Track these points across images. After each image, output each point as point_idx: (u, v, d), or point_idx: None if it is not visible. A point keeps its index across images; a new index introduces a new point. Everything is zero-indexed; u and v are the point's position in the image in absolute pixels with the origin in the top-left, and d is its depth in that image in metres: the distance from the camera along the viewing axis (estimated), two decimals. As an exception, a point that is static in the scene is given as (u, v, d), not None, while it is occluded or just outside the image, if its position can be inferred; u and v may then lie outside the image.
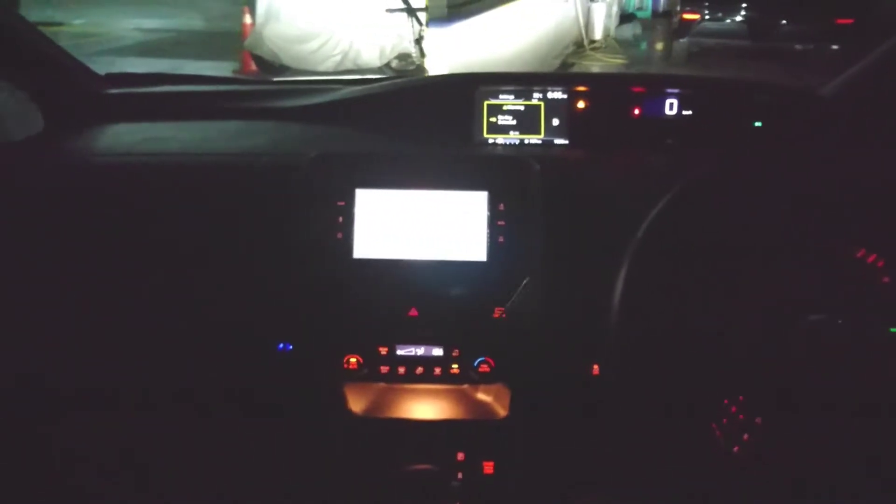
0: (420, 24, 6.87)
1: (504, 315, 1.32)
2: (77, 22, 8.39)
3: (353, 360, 1.32)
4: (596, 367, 1.20)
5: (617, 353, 1.09)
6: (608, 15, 9.62)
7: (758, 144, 1.24)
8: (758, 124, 1.26)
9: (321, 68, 7.39)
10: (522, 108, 1.43)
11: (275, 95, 1.51)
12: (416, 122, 1.43)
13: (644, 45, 9.68)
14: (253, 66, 7.24)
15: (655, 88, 1.29)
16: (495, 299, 1.32)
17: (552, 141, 1.45)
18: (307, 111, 1.48)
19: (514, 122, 1.44)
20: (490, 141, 1.44)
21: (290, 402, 1.34)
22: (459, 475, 1.32)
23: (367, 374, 1.33)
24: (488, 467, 1.33)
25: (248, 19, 7.38)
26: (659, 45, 9.35)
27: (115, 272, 1.30)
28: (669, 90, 1.29)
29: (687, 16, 8.55)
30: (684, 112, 1.30)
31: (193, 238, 1.31)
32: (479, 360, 1.33)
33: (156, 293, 1.31)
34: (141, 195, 1.31)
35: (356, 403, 1.34)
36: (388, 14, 6.94)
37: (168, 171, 1.32)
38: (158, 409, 1.36)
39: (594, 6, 9.41)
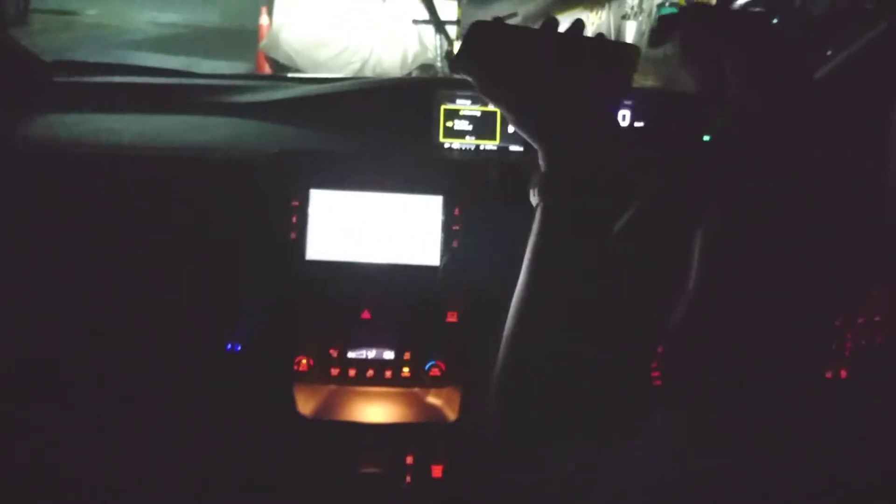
0: (449, 38, 6.89)
1: (457, 319, 1.38)
2: (91, 12, 8.41)
3: (303, 361, 1.37)
4: None
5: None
6: (640, 32, 9.62)
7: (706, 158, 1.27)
8: (706, 138, 1.28)
9: (339, 75, 7.38)
10: (479, 113, 1.49)
11: (231, 90, 1.56)
12: (373, 124, 1.49)
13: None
14: (267, 69, 7.33)
15: None
16: (448, 303, 1.38)
17: (507, 147, 1.50)
18: (263, 107, 1.53)
19: (471, 128, 1.50)
20: (446, 145, 1.50)
21: (240, 403, 1.39)
22: (408, 478, 1.39)
23: (317, 376, 1.39)
24: (437, 471, 1.40)
25: (265, 20, 7.45)
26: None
27: (57, 264, 1.36)
28: (623, 101, 1.32)
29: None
30: (636, 124, 1.35)
31: (141, 233, 1.36)
32: (431, 363, 1.38)
33: (98, 287, 1.36)
34: (86, 186, 1.36)
35: (306, 405, 1.40)
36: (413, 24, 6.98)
37: (117, 164, 1.38)
38: (107, 408, 1.41)
39: (626, 24, 9.41)
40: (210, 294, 1.37)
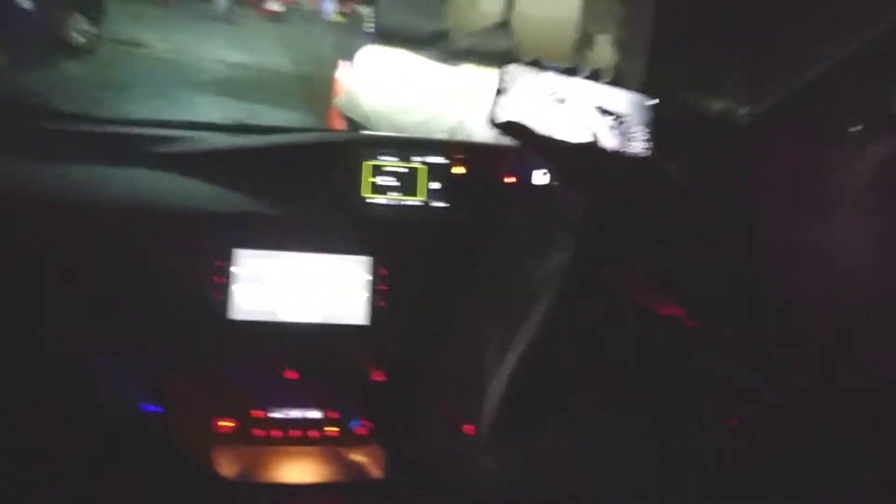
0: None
1: (384, 378, 1.43)
2: (161, 46, 8.47)
3: (225, 423, 1.39)
4: (472, 427, 1.28)
5: (493, 415, 1.18)
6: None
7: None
8: None
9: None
10: (404, 170, 1.51)
11: (157, 141, 1.59)
12: (299, 178, 1.51)
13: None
14: (340, 126, 7.35)
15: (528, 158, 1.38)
16: (375, 362, 1.44)
17: (432, 204, 1.55)
18: (188, 158, 1.56)
19: (396, 184, 1.51)
20: (371, 201, 1.52)
21: (161, 466, 1.37)
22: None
23: (240, 438, 1.40)
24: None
25: (343, 74, 7.50)
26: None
27: None
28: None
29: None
30: (554, 181, 1.36)
31: (63, 286, 1.40)
32: (357, 422, 1.42)
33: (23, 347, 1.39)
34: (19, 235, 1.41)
35: (227, 467, 1.39)
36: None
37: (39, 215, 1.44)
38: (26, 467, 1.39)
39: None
40: (132, 353, 1.40)
